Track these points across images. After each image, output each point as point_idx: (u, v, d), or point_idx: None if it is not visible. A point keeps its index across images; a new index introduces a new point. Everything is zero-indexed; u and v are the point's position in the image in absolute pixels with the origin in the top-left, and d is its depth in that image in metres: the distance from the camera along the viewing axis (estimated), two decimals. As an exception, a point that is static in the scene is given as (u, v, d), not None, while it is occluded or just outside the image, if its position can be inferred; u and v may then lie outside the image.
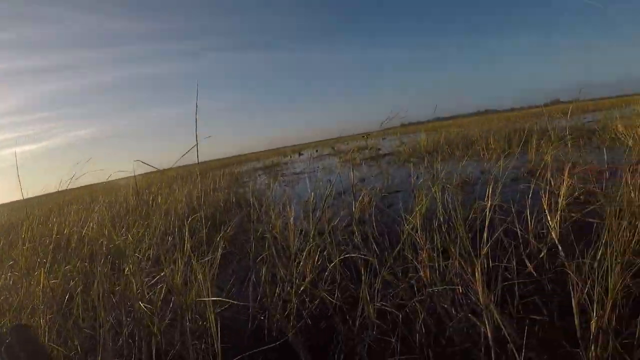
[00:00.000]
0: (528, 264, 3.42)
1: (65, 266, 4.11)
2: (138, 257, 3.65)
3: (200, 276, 3.22)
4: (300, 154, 34.03)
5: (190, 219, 4.24)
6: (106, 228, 5.37)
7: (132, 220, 5.89)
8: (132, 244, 3.95)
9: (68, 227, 6.24)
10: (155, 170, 3.74)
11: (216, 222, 6.47)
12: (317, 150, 32.76)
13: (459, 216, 3.24)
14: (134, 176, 4.07)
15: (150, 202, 8.02)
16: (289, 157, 33.21)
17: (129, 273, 3.37)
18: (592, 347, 2.17)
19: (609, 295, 2.23)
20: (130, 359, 3.00)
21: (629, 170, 3.87)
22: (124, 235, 4.72)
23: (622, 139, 9.15)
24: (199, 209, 7.54)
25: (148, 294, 3.39)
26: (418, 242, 3.34)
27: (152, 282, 3.63)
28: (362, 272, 3.09)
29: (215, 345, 2.73)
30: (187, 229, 3.73)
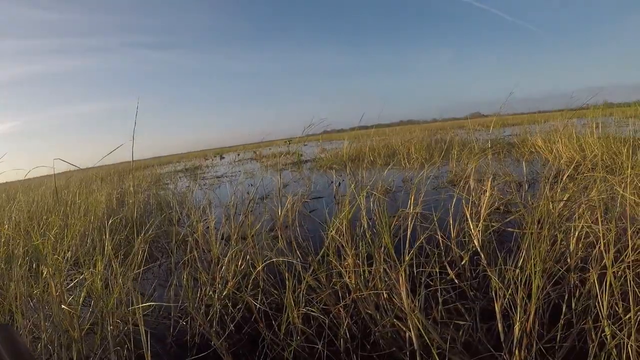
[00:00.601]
0: (449, 271, 3.48)
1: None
2: (58, 258, 3.52)
3: (120, 280, 3.16)
4: (221, 157, 33.77)
5: (110, 221, 4.13)
6: (22, 228, 5.20)
7: (50, 220, 5.71)
8: (51, 244, 3.82)
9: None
10: (74, 169, 3.65)
11: (136, 224, 6.35)
12: (239, 154, 32.67)
13: (384, 222, 3.26)
14: (54, 174, 3.92)
15: (69, 202, 7.80)
16: (211, 160, 32.91)
17: (47, 275, 3.25)
18: (516, 351, 2.22)
19: (532, 300, 2.28)
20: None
21: (547, 182, 3.98)
22: (42, 235, 4.56)
23: (541, 153, 9.45)
24: (119, 210, 7.43)
25: (68, 297, 3.29)
26: (344, 247, 3.34)
27: (71, 285, 3.52)
28: (286, 278, 3.08)
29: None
30: (107, 231, 3.64)
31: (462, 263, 3.59)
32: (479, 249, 3.56)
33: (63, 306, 2.89)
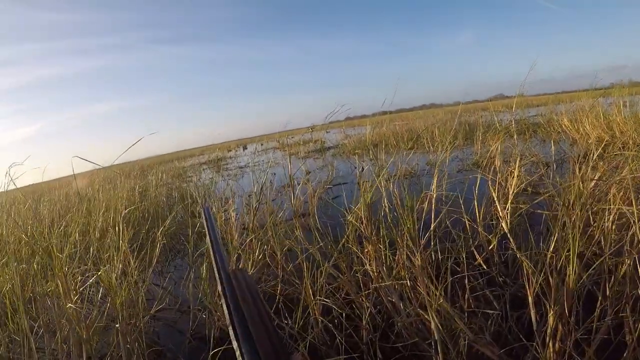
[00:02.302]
0: (477, 256, 3.35)
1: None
2: (74, 255, 3.49)
3: (135, 274, 3.13)
4: (244, 148, 33.93)
5: (123, 215, 4.09)
6: (45, 227, 5.17)
7: (72, 218, 5.69)
8: (70, 242, 3.78)
9: (5, 228, 5.98)
10: (97, 167, 3.63)
11: (158, 218, 6.32)
12: (262, 144, 32.76)
13: (405, 207, 3.12)
14: (74, 173, 3.89)
15: (92, 199, 7.80)
16: (234, 151, 33.13)
17: (60, 273, 3.18)
18: (550, 343, 2.05)
19: (569, 285, 2.11)
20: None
21: (577, 162, 3.84)
22: (62, 233, 4.54)
23: (568, 132, 9.32)
24: (141, 204, 7.43)
25: (84, 293, 3.24)
26: (363, 234, 3.23)
27: (90, 281, 3.47)
28: (304, 267, 2.98)
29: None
30: (121, 226, 3.62)
31: (490, 247, 3.45)
32: (507, 232, 3.41)
33: (69, 304, 2.82)
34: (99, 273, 3.23)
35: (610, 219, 2.87)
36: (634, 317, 2.08)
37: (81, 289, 3.28)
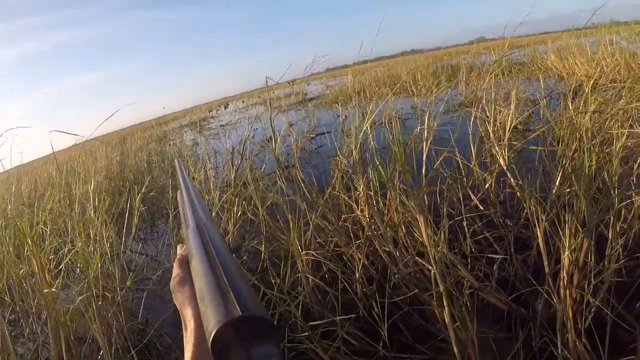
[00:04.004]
0: (473, 197, 3.21)
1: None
2: (44, 233, 3.36)
3: (106, 244, 3.17)
4: (226, 107, 33.83)
5: (103, 186, 3.94)
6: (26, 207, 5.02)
7: (51, 193, 5.55)
8: (41, 219, 3.62)
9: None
10: (79, 140, 3.51)
11: (138, 183, 6.15)
12: (243, 101, 32.78)
13: (398, 143, 2.88)
14: (53, 151, 3.74)
15: (73, 172, 7.66)
16: (215, 110, 33.29)
17: (29, 254, 3.00)
18: (567, 291, 1.82)
19: (587, 223, 1.88)
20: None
21: (569, 95, 3.69)
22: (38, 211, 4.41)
23: (554, 69, 9.42)
24: (120, 173, 7.34)
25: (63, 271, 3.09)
26: (353, 175, 3.05)
27: (66, 259, 3.30)
28: (290, 220, 2.76)
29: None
30: (94, 198, 3.69)
31: (487, 186, 3.30)
32: (505, 169, 3.22)
33: (45, 290, 2.65)
34: (74, 250, 3.14)
35: (620, 146, 2.66)
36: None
37: (56, 267, 3.18)
